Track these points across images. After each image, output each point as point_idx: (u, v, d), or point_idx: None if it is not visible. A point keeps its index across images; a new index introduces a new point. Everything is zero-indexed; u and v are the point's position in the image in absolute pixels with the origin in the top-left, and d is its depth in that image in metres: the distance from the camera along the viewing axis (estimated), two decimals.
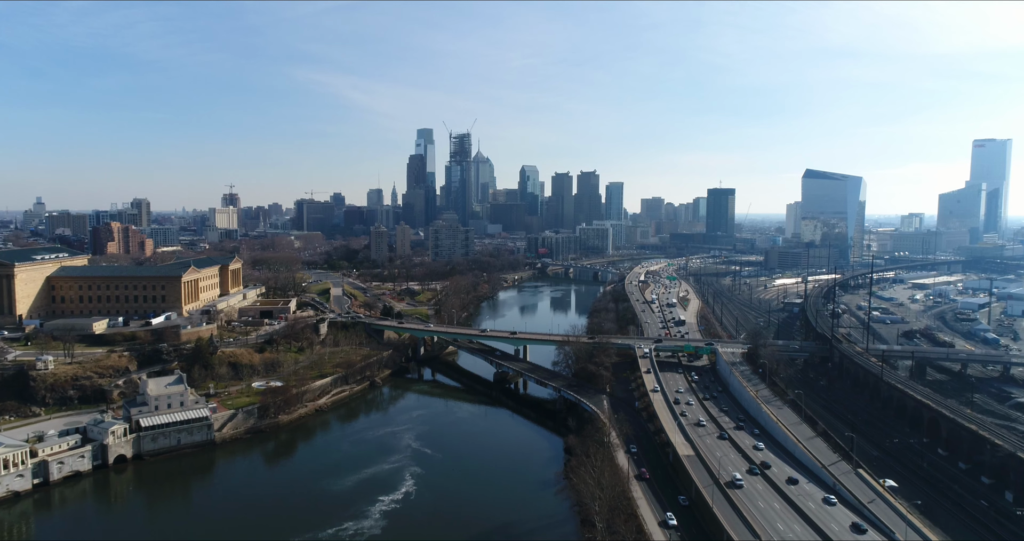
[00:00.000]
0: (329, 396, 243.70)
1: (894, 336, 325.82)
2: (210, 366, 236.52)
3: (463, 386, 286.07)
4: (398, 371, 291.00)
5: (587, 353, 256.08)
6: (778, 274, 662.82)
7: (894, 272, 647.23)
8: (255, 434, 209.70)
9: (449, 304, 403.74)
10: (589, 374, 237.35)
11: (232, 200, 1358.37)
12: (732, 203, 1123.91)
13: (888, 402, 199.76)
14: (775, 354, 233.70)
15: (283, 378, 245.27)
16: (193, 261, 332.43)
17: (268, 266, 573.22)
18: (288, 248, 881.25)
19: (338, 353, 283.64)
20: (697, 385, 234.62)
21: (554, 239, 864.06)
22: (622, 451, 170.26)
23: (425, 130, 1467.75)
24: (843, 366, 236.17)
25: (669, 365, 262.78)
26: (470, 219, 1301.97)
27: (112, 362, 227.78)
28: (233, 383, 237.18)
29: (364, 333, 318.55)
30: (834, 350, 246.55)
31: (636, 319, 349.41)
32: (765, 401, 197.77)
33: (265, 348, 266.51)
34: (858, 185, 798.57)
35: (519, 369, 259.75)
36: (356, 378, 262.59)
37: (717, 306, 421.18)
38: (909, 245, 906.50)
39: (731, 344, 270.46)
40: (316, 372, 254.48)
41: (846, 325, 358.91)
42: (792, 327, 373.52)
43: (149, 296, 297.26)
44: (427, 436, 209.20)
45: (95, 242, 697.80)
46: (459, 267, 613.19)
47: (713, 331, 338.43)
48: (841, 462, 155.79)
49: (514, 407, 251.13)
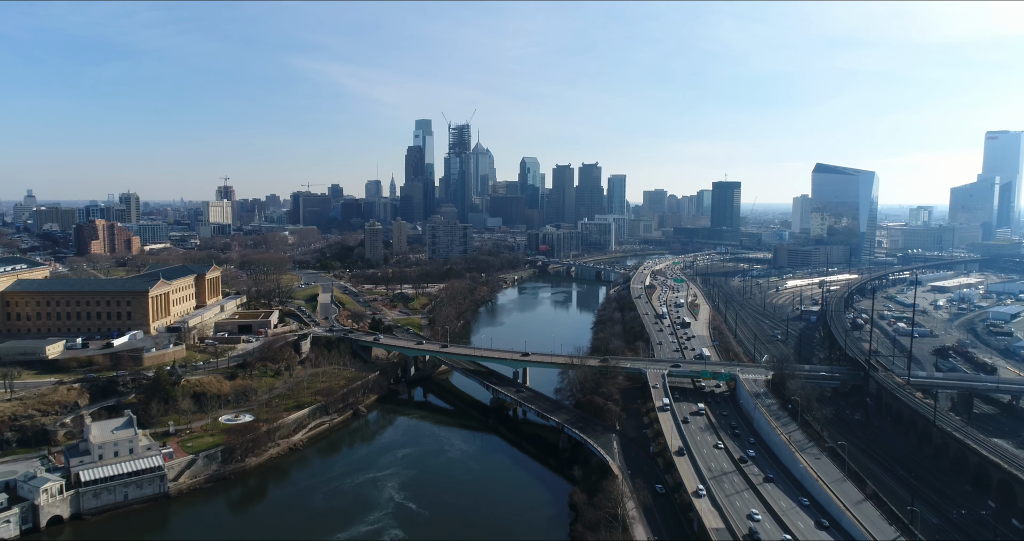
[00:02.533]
0: (305, 431, 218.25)
1: (925, 353, 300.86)
2: (171, 399, 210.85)
3: (457, 411, 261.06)
4: (386, 395, 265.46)
5: (593, 381, 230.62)
6: (788, 274, 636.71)
7: (909, 272, 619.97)
8: (218, 482, 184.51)
9: (444, 314, 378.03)
10: (596, 408, 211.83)
11: (227, 193, 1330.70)
12: (738, 197, 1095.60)
13: (942, 450, 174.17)
14: (804, 387, 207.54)
15: (255, 409, 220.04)
16: (163, 271, 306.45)
17: (257, 267, 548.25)
18: (281, 244, 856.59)
19: (320, 376, 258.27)
20: (718, 420, 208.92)
21: (555, 235, 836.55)
22: (639, 525, 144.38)
23: (423, 121, 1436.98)
24: (881, 398, 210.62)
25: (684, 391, 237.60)
26: (469, 212, 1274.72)
27: (59, 397, 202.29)
28: (198, 417, 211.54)
29: (350, 350, 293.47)
30: (869, 379, 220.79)
31: (644, 332, 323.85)
32: (799, 447, 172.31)
33: (237, 373, 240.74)
34: (871, 180, 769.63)
35: (518, 399, 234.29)
36: (338, 406, 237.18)
37: (729, 314, 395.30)
38: (921, 241, 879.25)
39: (752, 369, 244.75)
40: (292, 402, 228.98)
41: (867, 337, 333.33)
42: (812, 340, 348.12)
43: (113, 312, 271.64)
44: (413, 484, 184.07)
45: (79, 241, 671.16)
46: (456, 268, 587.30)
47: (728, 346, 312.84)
48: (901, 538, 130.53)
49: (513, 439, 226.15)
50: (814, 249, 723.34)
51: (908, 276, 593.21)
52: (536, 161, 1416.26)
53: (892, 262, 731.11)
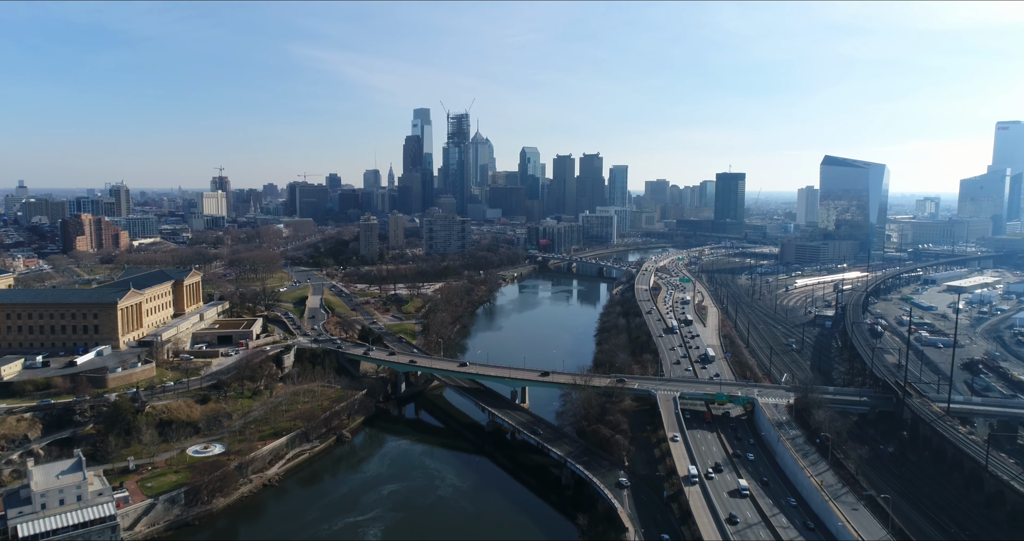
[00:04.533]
0: (282, 463, 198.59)
1: (951, 366, 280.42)
2: (133, 430, 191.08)
3: (450, 431, 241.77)
4: (374, 415, 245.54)
5: (599, 406, 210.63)
6: (797, 271, 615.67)
7: (921, 269, 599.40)
8: (180, 529, 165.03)
9: (439, 319, 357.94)
10: (602, 439, 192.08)
11: (221, 184, 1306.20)
12: (742, 188, 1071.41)
13: (995, 499, 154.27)
14: (833, 420, 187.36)
15: (227, 438, 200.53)
16: (136, 279, 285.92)
17: (247, 265, 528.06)
18: (275, 238, 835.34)
19: (301, 395, 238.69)
20: (735, 453, 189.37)
21: (555, 228, 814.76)
22: None
23: (422, 110, 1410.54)
24: (918, 430, 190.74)
25: (697, 415, 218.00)
26: (468, 203, 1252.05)
27: (7, 429, 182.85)
28: (163, 448, 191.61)
29: (336, 365, 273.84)
30: (903, 405, 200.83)
31: (651, 343, 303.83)
32: (833, 495, 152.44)
33: (210, 396, 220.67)
34: (881, 173, 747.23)
35: (516, 424, 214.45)
36: (320, 432, 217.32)
37: (739, 318, 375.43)
38: (930, 235, 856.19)
39: (771, 391, 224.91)
40: (269, 428, 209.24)
41: (889, 347, 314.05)
42: (828, 349, 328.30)
43: (80, 326, 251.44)
44: (399, 531, 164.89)
45: (64, 236, 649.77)
46: (454, 265, 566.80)
47: (740, 358, 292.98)
48: None
49: (511, 468, 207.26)
50: (822, 244, 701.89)
51: (922, 274, 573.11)
52: (536, 151, 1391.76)
53: (902, 258, 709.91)
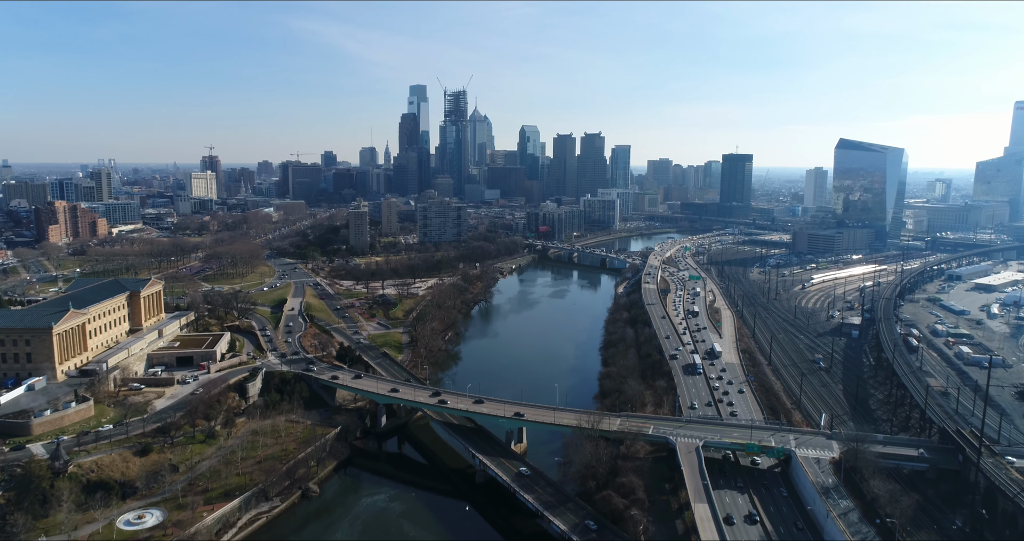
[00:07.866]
0: (233, 532, 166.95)
1: (1005, 396, 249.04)
2: (51, 498, 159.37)
3: (437, 475, 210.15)
4: (350, 457, 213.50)
5: (608, 463, 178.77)
6: (811, 263, 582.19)
7: (945, 264, 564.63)
8: None
9: (428, 329, 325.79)
10: (614, 511, 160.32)
11: (211, 164, 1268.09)
12: (749, 170, 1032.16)
13: None
14: (893, 493, 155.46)
15: (169, 501, 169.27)
16: (82, 293, 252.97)
17: (227, 260, 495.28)
18: (264, 223, 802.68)
19: (266, 435, 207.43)
20: (773, 525, 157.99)
21: (556, 213, 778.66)
22: None
23: (418, 87, 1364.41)
24: (994, 500, 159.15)
25: (721, 467, 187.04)
26: (466, 184, 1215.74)
27: None
28: (87, 518, 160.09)
29: (309, 392, 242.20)
30: (970, 465, 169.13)
31: (664, 363, 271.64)
32: None
33: (152, 446, 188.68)
34: (899, 158, 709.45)
35: (510, 480, 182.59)
36: (282, 486, 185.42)
37: (757, 325, 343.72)
38: (946, 221, 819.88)
39: (810, 440, 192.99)
40: (220, 487, 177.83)
41: (928, 366, 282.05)
42: (860, 366, 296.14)
43: (10, 354, 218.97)
44: None
45: (38, 225, 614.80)
46: (448, 257, 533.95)
47: (765, 382, 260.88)
48: None
49: (505, 529, 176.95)
50: (837, 234, 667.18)
51: (945, 268, 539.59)
52: (536, 130, 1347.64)
53: (920, 247, 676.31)
